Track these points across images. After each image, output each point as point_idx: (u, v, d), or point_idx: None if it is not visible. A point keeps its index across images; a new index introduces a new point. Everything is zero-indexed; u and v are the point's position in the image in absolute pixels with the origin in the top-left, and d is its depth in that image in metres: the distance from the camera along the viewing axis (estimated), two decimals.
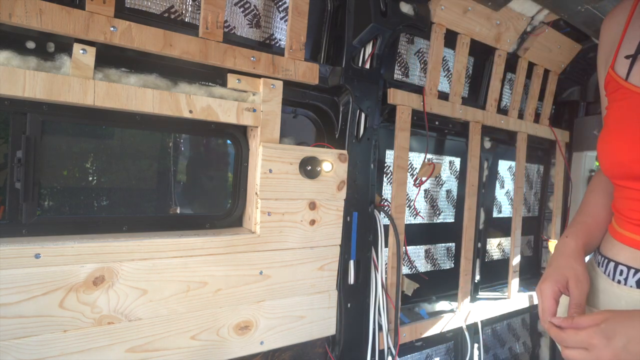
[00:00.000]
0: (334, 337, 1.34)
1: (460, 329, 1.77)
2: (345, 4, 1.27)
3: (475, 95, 1.88)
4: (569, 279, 0.72)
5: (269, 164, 1.13)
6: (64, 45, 0.92)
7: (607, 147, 0.73)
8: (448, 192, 1.91)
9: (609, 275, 0.76)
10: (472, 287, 1.94)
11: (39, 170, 0.95)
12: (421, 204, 1.80)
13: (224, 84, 1.11)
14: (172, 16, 1.10)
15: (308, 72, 1.22)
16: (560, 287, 0.72)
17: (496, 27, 1.65)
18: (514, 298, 1.97)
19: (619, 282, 0.74)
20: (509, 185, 2.20)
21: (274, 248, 1.16)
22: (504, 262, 2.15)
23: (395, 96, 1.44)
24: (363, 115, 1.34)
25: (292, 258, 1.20)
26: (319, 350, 1.34)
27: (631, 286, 0.72)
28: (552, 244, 2.19)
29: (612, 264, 0.76)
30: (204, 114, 1.05)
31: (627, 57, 0.71)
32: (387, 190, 1.65)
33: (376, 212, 1.42)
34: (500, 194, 2.16)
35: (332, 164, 1.22)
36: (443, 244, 1.91)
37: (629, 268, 0.72)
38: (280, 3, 1.28)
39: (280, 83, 1.17)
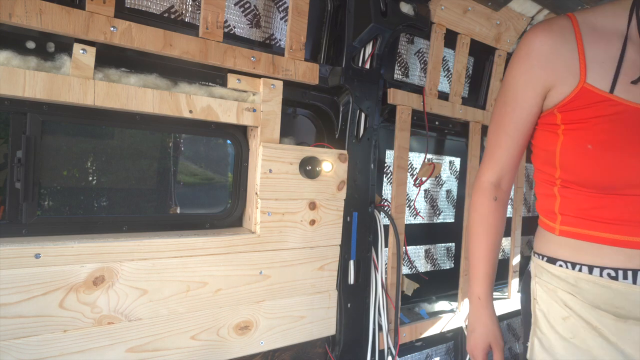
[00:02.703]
0: (333, 337, 1.33)
1: (460, 329, 1.77)
2: (345, 4, 1.26)
3: (475, 95, 1.88)
4: (492, 343, 0.98)
5: (269, 164, 1.13)
6: (64, 45, 0.92)
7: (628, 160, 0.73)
8: (448, 192, 1.90)
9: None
10: None
11: (39, 170, 0.95)
12: (421, 204, 1.80)
13: (224, 84, 1.11)
14: (172, 16, 1.10)
15: (308, 72, 1.22)
16: (486, 350, 0.97)
17: (496, 27, 1.65)
18: (514, 298, 1.97)
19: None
20: None
21: (274, 248, 1.16)
22: (504, 262, 2.15)
23: (395, 96, 1.44)
24: (363, 115, 1.34)
25: (292, 258, 1.20)
26: (319, 350, 1.34)
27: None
28: None
29: (597, 270, 0.78)
30: (204, 114, 1.05)
31: (633, 82, 0.72)
32: (387, 190, 1.65)
33: (376, 212, 1.42)
34: None
35: (332, 164, 1.22)
36: (443, 244, 1.90)
37: (625, 271, 0.76)
38: (280, 3, 1.28)
39: (280, 83, 1.17)
